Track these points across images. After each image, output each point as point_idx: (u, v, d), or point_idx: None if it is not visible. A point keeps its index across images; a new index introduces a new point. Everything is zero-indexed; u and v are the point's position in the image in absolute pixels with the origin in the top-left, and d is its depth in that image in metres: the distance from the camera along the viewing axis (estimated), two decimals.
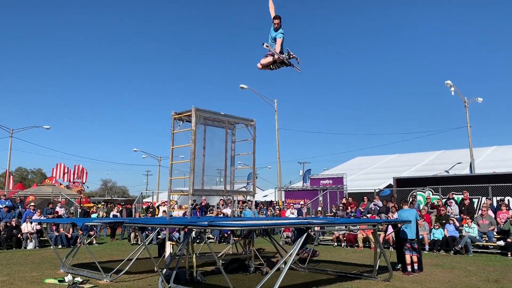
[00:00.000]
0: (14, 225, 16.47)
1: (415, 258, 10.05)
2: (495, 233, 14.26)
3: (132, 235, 17.95)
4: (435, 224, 14.97)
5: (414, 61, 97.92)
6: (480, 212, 15.20)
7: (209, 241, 16.20)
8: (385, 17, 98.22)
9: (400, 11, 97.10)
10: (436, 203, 16.83)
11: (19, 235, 16.19)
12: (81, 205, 26.92)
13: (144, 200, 35.80)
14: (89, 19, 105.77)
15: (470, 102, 27.16)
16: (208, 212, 20.81)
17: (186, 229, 7.70)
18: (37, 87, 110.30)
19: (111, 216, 21.55)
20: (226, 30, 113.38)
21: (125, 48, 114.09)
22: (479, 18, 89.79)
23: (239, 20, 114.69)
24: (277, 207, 24.14)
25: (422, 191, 19.26)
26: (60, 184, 34.64)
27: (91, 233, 17.68)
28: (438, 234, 14.60)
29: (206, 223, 7.12)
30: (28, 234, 16.28)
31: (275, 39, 8.23)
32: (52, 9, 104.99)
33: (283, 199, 26.86)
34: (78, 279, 8.68)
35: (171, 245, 10.19)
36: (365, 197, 19.45)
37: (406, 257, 10.00)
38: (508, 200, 16.86)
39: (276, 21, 8.26)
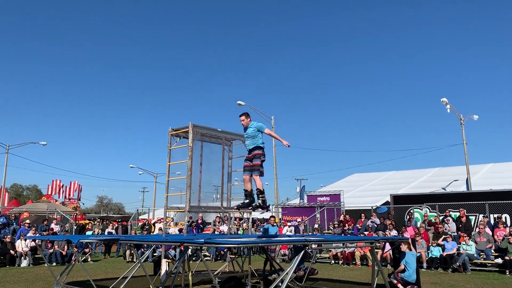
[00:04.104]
0: (8, 241, 16.29)
1: None
2: (492, 251, 14.20)
3: (128, 252, 17.78)
4: (432, 242, 14.90)
5: (411, 77, 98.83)
6: (477, 229, 15.16)
7: (205, 258, 16.10)
8: (383, 36, 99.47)
9: (399, 29, 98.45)
10: (433, 220, 16.79)
11: (13, 252, 16.00)
12: (77, 222, 26.68)
13: (140, 217, 35.48)
14: (86, 36, 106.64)
15: (466, 120, 27.34)
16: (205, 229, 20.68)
17: (182, 247, 7.61)
18: (34, 103, 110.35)
19: (106, 233, 21.40)
20: (224, 46, 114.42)
21: (122, 63, 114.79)
22: (475, 37, 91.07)
23: (237, 36, 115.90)
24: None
25: (419, 208, 19.23)
26: (56, 201, 34.39)
27: (86, 250, 17.52)
28: (436, 251, 14.52)
29: (203, 240, 7.06)
30: (22, 252, 16.09)
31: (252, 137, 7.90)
32: (48, 28, 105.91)
33: (280, 216, 26.71)
34: None
35: (167, 263, 10.08)
36: (362, 214, 19.38)
37: None
38: (506, 218, 16.84)
39: (241, 117, 8.02)
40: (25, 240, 16.14)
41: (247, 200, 7.82)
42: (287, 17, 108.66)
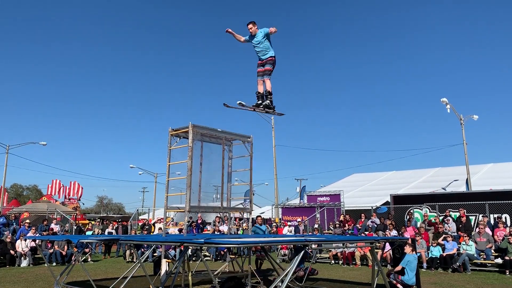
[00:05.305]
0: (8, 241, 16.29)
1: None
2: (492, 251, 14.20)
3: (128, 252, 17.78)
4: (432, 242, 14.90)
5: (411, 77, 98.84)
6: (477, 229, 15.16)
7: (205, 258, 16.10)
8: (383, 36, 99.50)
9: (399, 29, 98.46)
10: (433, 220, 16.80)
11: (13, 252, 15.99)
12: (76, 222, 26.68)
13: (140, 217, 35.49)
14: (87, 37, 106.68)
15: (466, 120, 27.33)
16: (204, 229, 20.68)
17: (182, 247, 7.62)
18: (34, 103, 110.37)
19: (106, 233, 21.41)
20: (225, 46, 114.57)
21: (122, 63, 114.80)
22: (476, 37, 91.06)
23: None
24: (274, 224, 24.00)
25: (419, 209, 19.22)
26: (56, 201, 34.40)
27: (86, 250, 17.52)
28: (436, 251, 14.52)
29: (203, 240, 7.06)
30: (22, 252, 16.09)
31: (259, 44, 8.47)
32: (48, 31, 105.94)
33: (280, 216, 26.71)
34: None
35: (167, 263, 10.09)
36: (362, 214, 19.38)
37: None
38: (505, 218, 16.84)
39: (249, 25, 8.45)
40: (25, 240, 16.14)
41: (259, 101, 8.64)
42: (287, 17, 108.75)
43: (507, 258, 13.27)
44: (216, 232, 18.76)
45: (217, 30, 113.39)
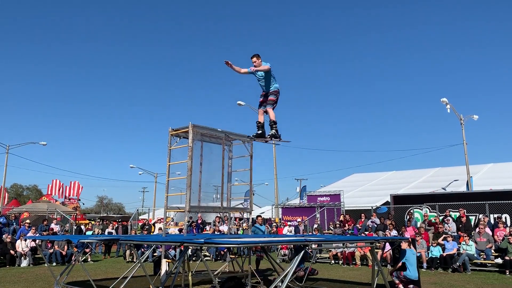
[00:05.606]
0: (8, 241, 16.28)
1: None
2: (492, 251, 14.20)
3: (128, 252, 17.78)
4: (432, 242, 14.90)
5: (411, 77, 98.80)
6: (477, 229, 15.17)
7: (205, 258, 16.10)
8: (383, 36, 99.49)
9: (399, 29, 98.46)
10: (433, 220, 16.80)
11: (13, 252, 15.99)
12: (76, 222, 26.69)
13: (140, 217, 35.50)
14: (86, 36, 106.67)
15: (466, 120, 27.33)
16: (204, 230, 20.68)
17: (182, 247, 7.63)
18: (34, 103, 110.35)
19: (106, 233, 21.42)
20: (224, 45, 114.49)
21: (122, 63, 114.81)
22: (475, 37, 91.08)
23: (236, 35, 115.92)
24: (274, 224, 24.00)
25: (419, 209, 19.23)
26: (56, 201, 34.38)
27: (86, 250, 17.53)
28: (436, 251, 14.52)
29: (203, 240, 7.06)
30: (22, 252, 16.09)
31: (263, 78, 8.48)
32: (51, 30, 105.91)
33: (280, 216, 26.71)
34: None
35: (167, 263, 10.08)
36: (362, 214, 19.38)
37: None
38: (506, 218, 16.84)
39: (253, 59, 8.36)
40: (25, 240, 16.14)
41: (260, 131, 8.65)
42: (287, 15, 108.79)
43: (507, 258, 13.27)
44: (216, 232, 18.76)
45: (218, 29, 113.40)
